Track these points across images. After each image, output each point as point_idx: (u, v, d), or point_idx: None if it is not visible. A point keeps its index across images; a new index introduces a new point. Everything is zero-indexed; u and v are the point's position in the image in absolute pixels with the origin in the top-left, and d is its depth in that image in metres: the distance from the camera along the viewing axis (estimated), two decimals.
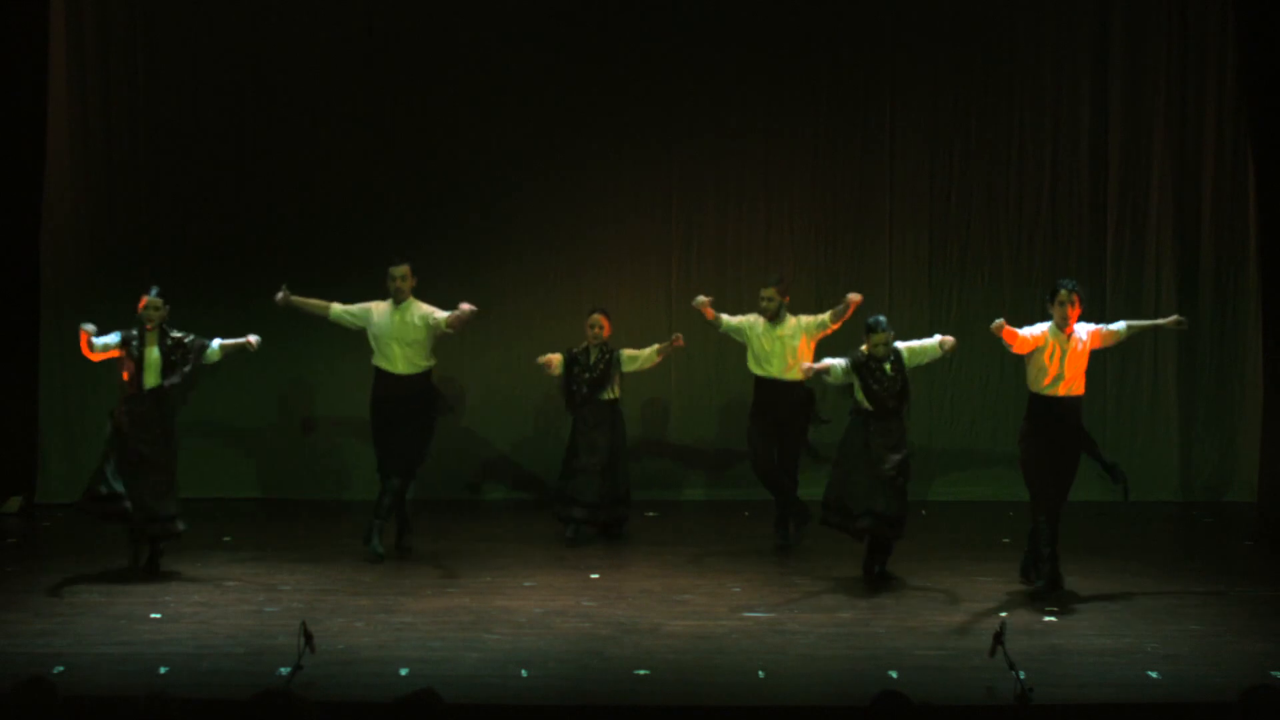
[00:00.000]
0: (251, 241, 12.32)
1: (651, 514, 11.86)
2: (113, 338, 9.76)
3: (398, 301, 10.31)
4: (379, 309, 10.40)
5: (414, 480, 10.64)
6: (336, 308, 10.49)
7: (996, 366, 12.48)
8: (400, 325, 10.30)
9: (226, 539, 10.74)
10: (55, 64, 11.95)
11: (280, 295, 10.27)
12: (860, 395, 9.64)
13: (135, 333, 9.75)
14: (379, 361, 10.42)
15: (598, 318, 10.89)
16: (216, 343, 9.94)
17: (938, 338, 9.78)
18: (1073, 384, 9.36)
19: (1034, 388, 9.40)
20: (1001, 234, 12.48)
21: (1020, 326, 9.35)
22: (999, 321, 9.22)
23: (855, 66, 12.49)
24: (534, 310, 12.40)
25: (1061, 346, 9.29)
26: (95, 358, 9.87)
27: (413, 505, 10.85)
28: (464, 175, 12.43)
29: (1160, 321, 9.80)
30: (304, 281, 11.95)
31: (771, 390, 10.64)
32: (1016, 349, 9.32)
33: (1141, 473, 12.45)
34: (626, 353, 10.90)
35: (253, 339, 9.97)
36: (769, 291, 10.63)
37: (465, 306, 10.12)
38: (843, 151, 12.53)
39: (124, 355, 9.75)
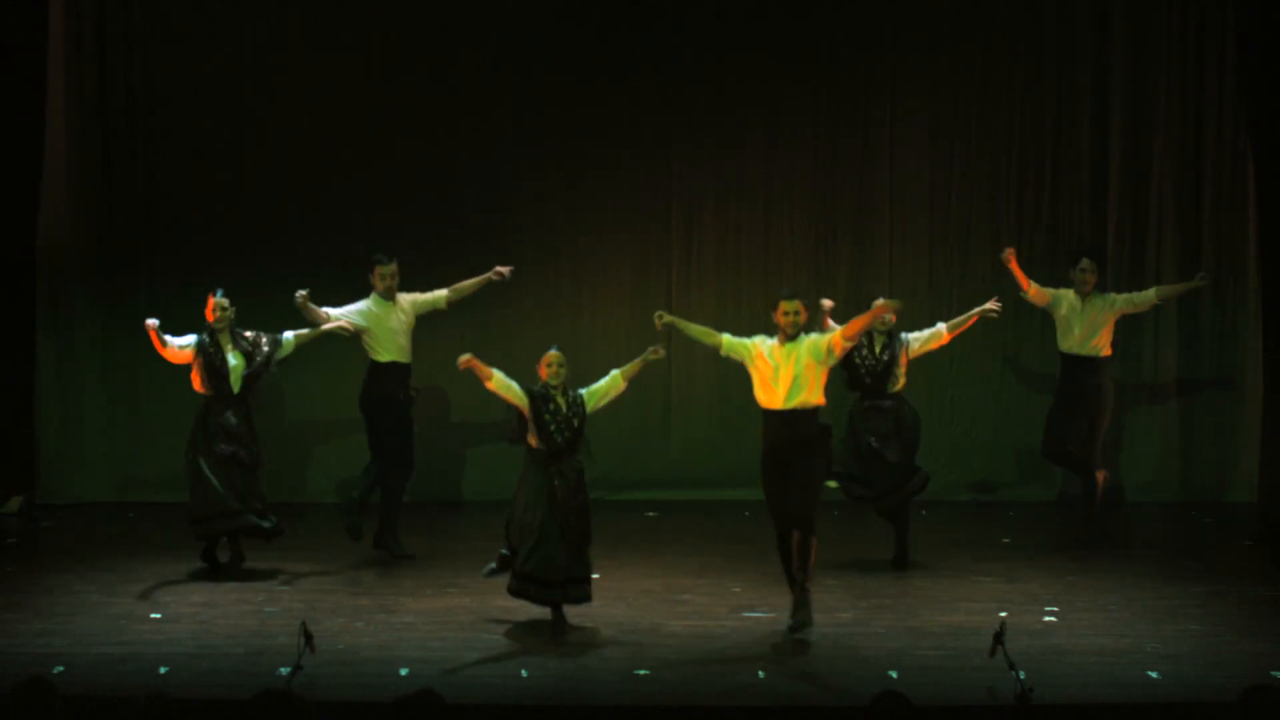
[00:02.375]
0: (249, 242, 12.31)
1: (651, 514, 11.86)
2: (188, 339, 9.79)
3: (390, 299, 10.46)
4: (372, 309, 10.46)
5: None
6: (330, 316, 10.34)
7: (997, 367, 12.49)
8: (402, 318, 10.49)
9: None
10: (54, 63, 11.94)
11: (300, 296, 10.19)
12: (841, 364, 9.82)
13: (208, 338, 9.77)
14: (386, 356, 10.44)
15: (558, 355, 8.69)
16: (290, 335, 10.13)
17: (941, 325, 10.21)
18: (1097, 344, 10.68)
19: (1060, 347, 10.85)
20: (1002, 233, 12.46)
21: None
22: (1008, 250, 10.79)
23: (855, 66, 12.48)
24: (533, 311, 12.40)
25: (1080, 307, 10.73)
26: (170, 357, 9.83)
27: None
28: (463, 176, 12.42)
29: (1190, 285, 11.23)
30: (301, 282, 11.96)
31: (785, 422, 8.61)
32: (1030, 293, 10.80)
33: (1141, 473, 12.46)
34: (588, 393, 8.75)
35: (349, 324, 10.32)
36: (795, 305, 8.72)
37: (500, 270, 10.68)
38: (843, 151, 12.53)
39: (201, 362, 9.74)
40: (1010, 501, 12.22)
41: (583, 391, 8.70)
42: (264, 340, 9.99)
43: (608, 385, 8.76)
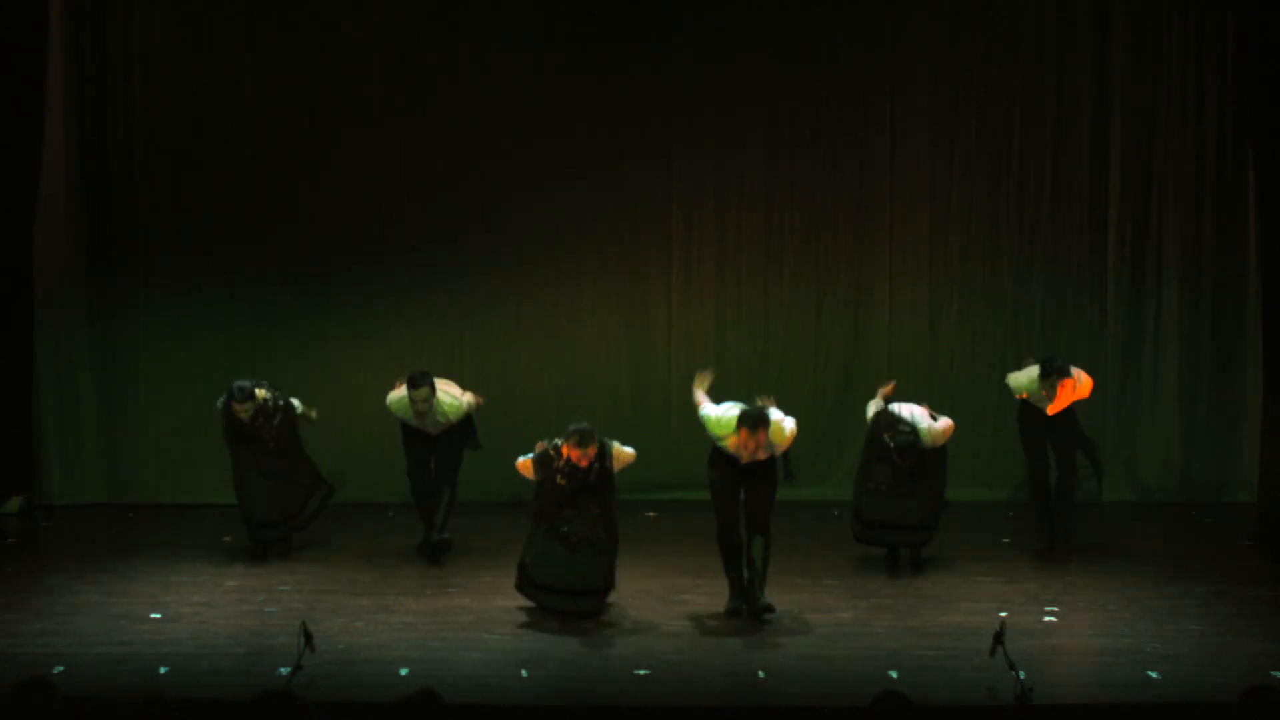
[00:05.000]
0: (248, 241, 12.30)
1: (651, 514, 11.86)
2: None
3: (422, 423, 10.28)
4: (407, 412, 10.32)
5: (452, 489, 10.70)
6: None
7: (997, 367, 12.47)
8: (432, 421, 10.32)
9: (226, 539, 10.73)
10: (53, 60, 11.92)
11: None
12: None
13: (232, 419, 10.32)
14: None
15: (592, 450, 8.81)
16: (298, 404, 10.52)
17: (946, 420, 10.01)
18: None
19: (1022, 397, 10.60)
20: (1002, 234, 12.47)
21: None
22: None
23: (855, 67, 12.47)
24: (533, 313, 12.40)
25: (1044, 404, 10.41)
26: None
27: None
28: (463, 178, 12.41)
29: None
30: (301, 283, 11.97)
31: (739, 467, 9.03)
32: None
33: (1141, 473, 12.46)
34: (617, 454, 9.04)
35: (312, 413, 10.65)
36: (766, 400, 9.08)
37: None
38: (843, 151, 12.51)
39: (226, 428, 10.38)
40: (1010, 501, 12.21)
41: (614, 461, 8.97)
42: (273, 405, 10.35)
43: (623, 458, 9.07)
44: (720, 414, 8.89)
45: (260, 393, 10.23)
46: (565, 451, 8.71)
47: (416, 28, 12.33)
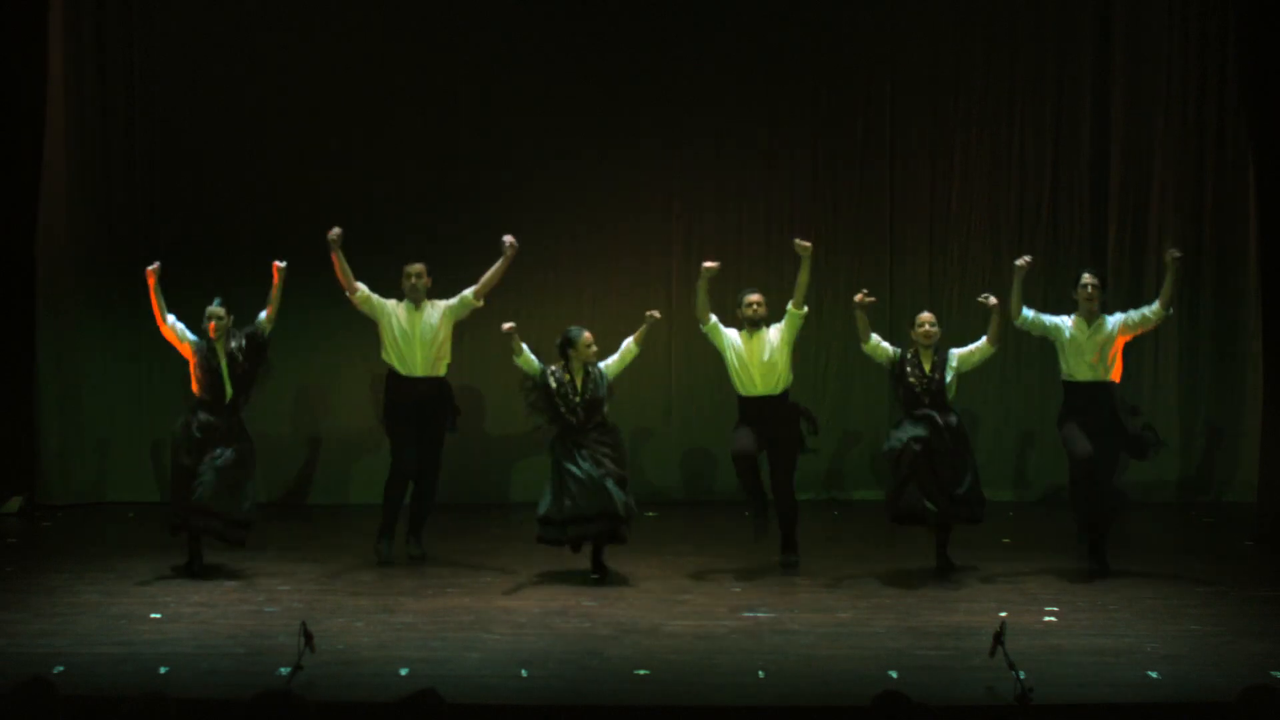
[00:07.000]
0: (250, 240, 12.30)
1: (651, 514, 11.86)
2: (189, 335, 9.80)
3: (415, 302, 10.20)
4: (397, 310, 10.23)
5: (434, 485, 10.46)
6: (363, 292, 10.21)
7: (998, 368, 12.49)
8: (422, 326, 10.20)
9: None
10: (53, 63, 11.96)
11: (335, 234, 10.06)
12: (891, 387, 10.03)
13: (205, 344, 9.74)
14: (395, 364, 10.22)
15: (586, 338, 9.77)
16: (262, 316, 9.88)
17: (983, 340, 10.00)
18: (1109, 369, 9.80)
19: (1067, 375, 9.85)
20: (1002, 234, 12.48)
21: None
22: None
23: (855, 68, 12.49)
24: (533, 312, 12.37)
25: (1087, 330, 9.74)
26: (165, 333, 9.88)
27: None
28: (463, 175, 12.43)
29: (1173, 274, 9.81)
30: (303, 280, 11.96)
31: (760, 407, 9.92)
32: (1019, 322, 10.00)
33: (1142, 473, 12.45)
34: (608, 366, 9.86)
35: (278, 264, 9.90)
36: (758, 296, 9.99)
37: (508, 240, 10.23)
38: (843, 152, 12.53)
39: (198, 363, 9.72)
40: (1010, 502, 12.22)
41: (602, 365, 9.78)
42: (241, 339, 9.82)
43: (624, 356, 9.91)
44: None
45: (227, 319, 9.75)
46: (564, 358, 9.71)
47: (417, 23, 12.35)
